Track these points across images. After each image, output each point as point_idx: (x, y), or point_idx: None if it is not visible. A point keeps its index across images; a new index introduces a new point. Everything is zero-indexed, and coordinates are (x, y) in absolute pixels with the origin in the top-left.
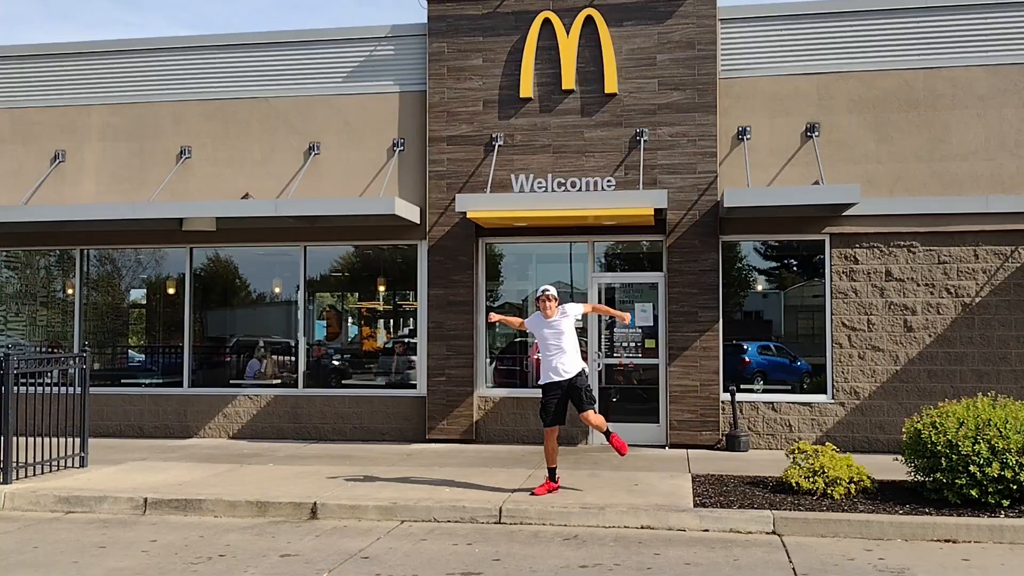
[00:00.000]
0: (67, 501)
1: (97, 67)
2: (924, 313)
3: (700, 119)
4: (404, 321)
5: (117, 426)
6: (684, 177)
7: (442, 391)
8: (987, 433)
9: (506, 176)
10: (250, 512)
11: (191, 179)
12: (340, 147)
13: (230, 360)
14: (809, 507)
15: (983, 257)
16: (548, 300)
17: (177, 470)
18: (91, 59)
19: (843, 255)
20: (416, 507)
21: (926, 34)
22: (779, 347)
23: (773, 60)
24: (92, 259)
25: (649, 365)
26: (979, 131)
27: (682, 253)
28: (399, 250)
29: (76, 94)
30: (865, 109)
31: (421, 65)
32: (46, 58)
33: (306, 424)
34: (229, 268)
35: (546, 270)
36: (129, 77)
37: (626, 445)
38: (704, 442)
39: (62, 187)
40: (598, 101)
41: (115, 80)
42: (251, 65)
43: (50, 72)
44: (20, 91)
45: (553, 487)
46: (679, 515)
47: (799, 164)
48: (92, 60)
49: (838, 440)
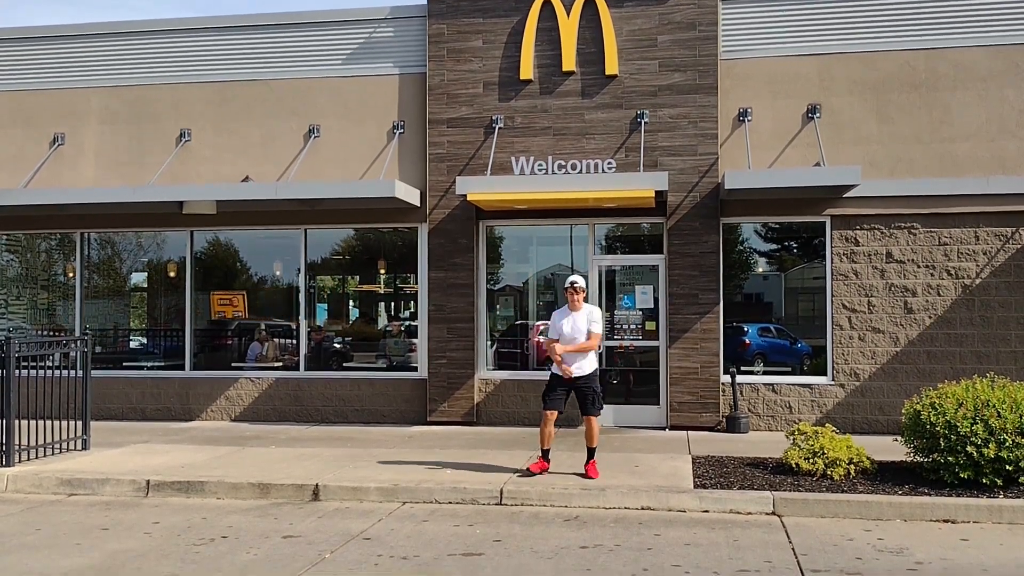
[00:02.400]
0: (69, 483)
1: (96, 50)
2: (924, 295)
3: (701, 100)
4: (405, 304)
5: (119, 409)
6: (685, 159)
7: (443, 373)
8: (985, 414)
9: (506, 158)
10: (252, 494)
11: (191, 162)
12: (340, 130)
13: (231, 343)
14: (809, 488)
15: (984, 239)
16: (576, 292)
17: (179, 452)
18: (90, 42)
19: (844, 237)
20: (417, 489)
21: (927, 15)
22: (779, 329)
23: (774, 41)
24: (93, 242)
25: (649, 347)
26: (980, 112)
27: (683, 235)
28: (399, 233)
29: (75, 77)
30: (866, 90)
31: (421, 47)
32: (45, 40)
33: (307, 407)
34: (230, 251)
35: (547, 253)
36: (128, 60)
37: (598, 475)
38: (704, 424)
39: (61, 170)
40: (599, 83)
41: (114, 63)
42: (251, 47)
43: (49, 55)
44: (19, 74)
45: (545, 466)
46: (679, 496)
47: (800, 146)
48: (91, 43)
49: (838, 421)
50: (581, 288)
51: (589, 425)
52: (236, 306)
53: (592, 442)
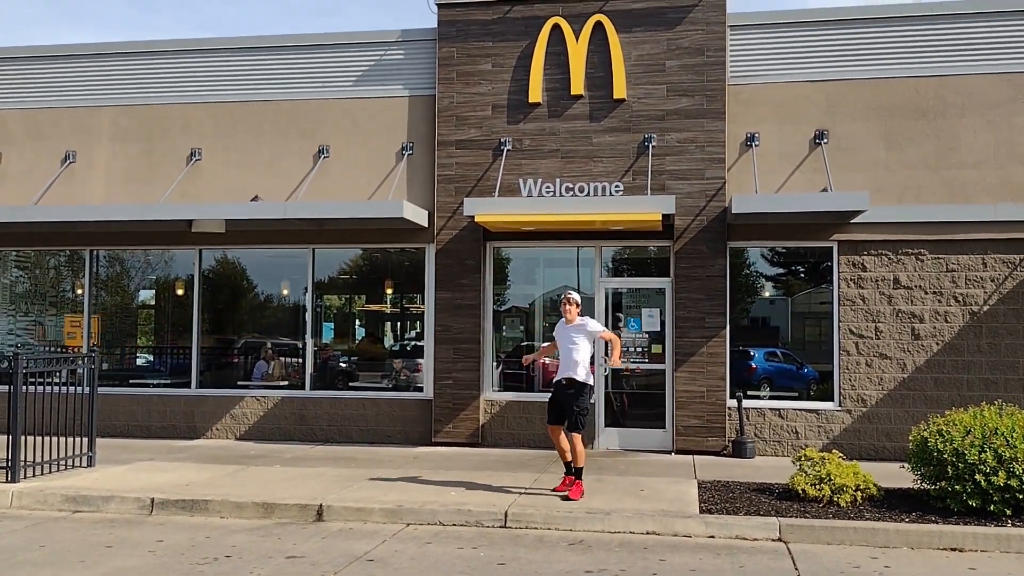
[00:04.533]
0: (74, 500)
1: (108, 69)
2: (932, 321)
3: (708, 125)
4: (411, 324)
5: (124, 426)
6: (692, 183)
7: (448, 394)
8: (994, 442)
9: (514, 180)
10: (256, 513)
11: (201, 181)
12: (349, 150)
13: (237, 361)
14: (815, 514)
15: (991, 265)
16: (568, 304)
17: (184, 470)
18: (102, 61)
19: (851, 262)
20: (421, 510)
21: (936, 42)
22: (786, 353)
23: (782, 67)
24: (102, 260)
25: (656, 370)
26: (988, 139)
27: (690, 258)
28: (407, 253)
29: (87, 95)
30: (874, 116)
31: (431, 69)
32: (57, 59)
33: (312, 426)
34: (237, 269)
35: (553, 274)
36: (140, 79)
37: (578, 496)
38: (710, 448)
39: (72, 187)
40: (607, 106)
41: (126, 82)
42: (262, 68)
43: (61, 73)
44: (32, 92)
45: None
46: (685, 521)
47: (807, 171)
48: (103, 62)
49: (844, 447)
50: (574, 300)
51: (573, 442)
52: (85, 331)
53: (564, 456)
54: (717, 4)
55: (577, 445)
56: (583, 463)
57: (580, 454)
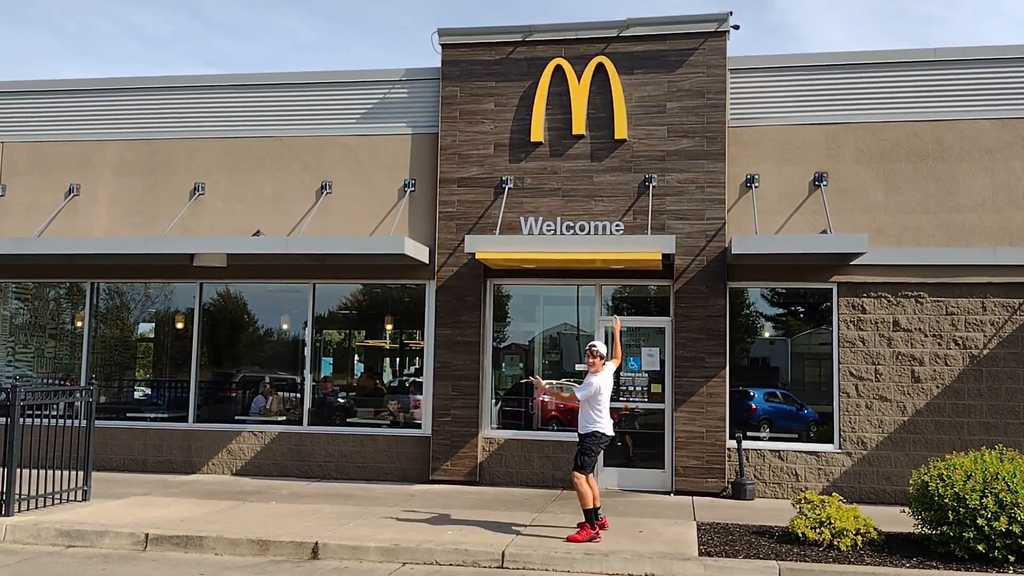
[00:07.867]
0: (68, 535)
1: (113, 103)
2: (932, 364)
3: (709, 166)
4: (410, 360)
5: (120, 460)
6: (692, 223)
7: (447, 431)
8: (995, 487)
9: (515, 218)
10: (251, 550)
11: (203, 215)
12: (352, 186)
13: (235, 395)
14: (815, 558)
15: (991, 309)
16: (592, 356)
17: (179, 506)
18: (107, 95)
19: (850, 304)
20: (418, 549)
21: (934, 86)
22: (786, 394)
23: (782, 110)
24: (102, 292)
25: (655, 410)
26: (987, 183)
27: (690, 298)
28: (407, 289)
29: (92, 129)
30: (873, 159)
31: (434, 108)
32: (63, 94)
33: (309, 462)
34: (238, 303)
35: (553, 312)
36: (144, 113)
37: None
38: (710, 489)
39: (75, 220)
40: (608, 146)
41: (130, 116)
42: (266, 105)
43: (68, 107)
44: (37, 125)
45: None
46: (684, 563)
47: (807, 212)
48: (108, 96)
49: (845, 490)
50: (597, 353)
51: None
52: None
53: (577, 486)
54: (718, 48)
55: (576, 487)
56: (585, 506)
57: (578, 495)
